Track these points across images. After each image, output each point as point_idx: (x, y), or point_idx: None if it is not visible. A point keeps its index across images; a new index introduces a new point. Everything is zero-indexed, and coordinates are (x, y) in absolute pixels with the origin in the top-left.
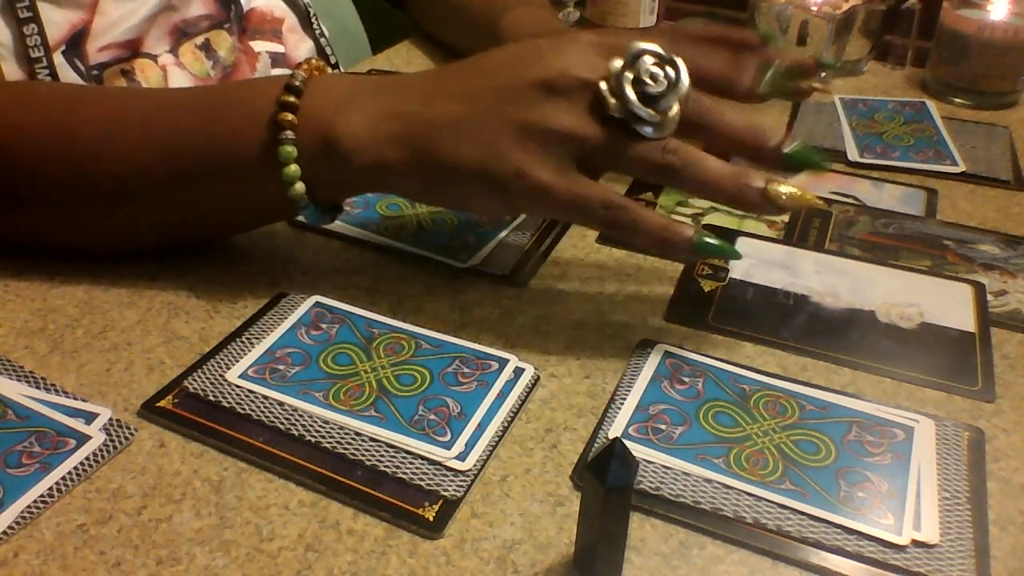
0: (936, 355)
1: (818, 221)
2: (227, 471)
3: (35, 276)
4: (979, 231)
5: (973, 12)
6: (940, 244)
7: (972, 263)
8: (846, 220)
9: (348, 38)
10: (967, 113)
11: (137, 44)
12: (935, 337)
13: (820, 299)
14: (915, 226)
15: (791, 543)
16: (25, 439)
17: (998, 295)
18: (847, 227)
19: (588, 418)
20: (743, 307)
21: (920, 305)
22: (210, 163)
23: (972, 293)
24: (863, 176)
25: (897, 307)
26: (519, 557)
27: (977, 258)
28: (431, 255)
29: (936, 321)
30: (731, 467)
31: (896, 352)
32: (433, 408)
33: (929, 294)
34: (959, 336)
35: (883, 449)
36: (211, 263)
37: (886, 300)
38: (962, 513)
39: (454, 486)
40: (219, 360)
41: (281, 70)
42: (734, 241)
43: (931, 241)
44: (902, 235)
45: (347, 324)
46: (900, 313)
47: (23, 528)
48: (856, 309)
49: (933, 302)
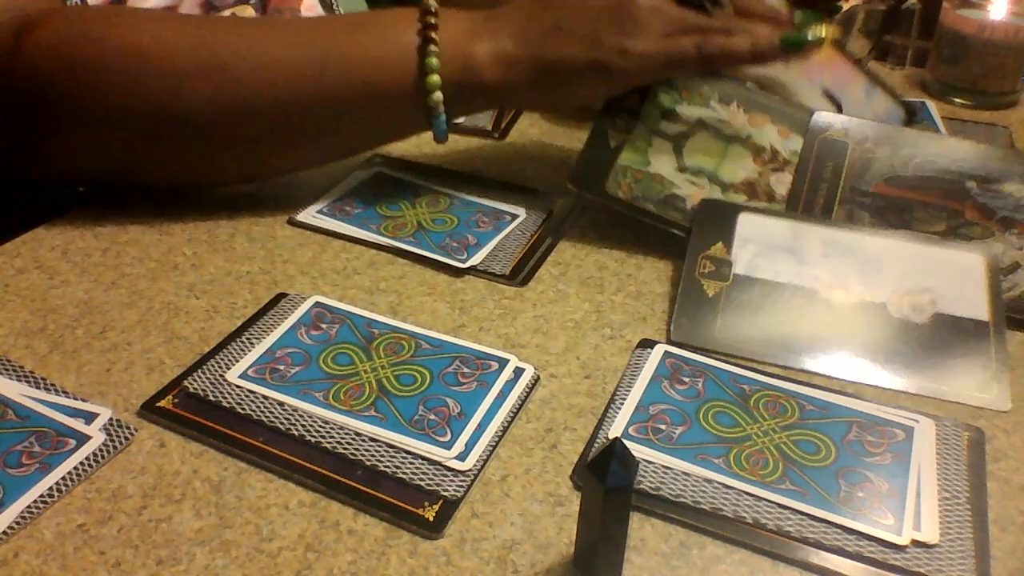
0: (951, 357)
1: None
2: (227, 471)
3: (35, 276)
4: (1008, 161)
5: (973, 12)
6: (962, 189)
7: (992, 218)
8: (862, 159)
9: None
10: (967, 113)
11: None
12: (948, 333)
13: (829, 294)
14: (939, 161)
15: (791, 543)
16: (25, 439)
17: (1009, 271)
18: (862, 170)
19: (588, 418)
20: (748, 316)
21: (932, 290)
22: (356, 72)
23: (985, 266)
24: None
25: (909, 295)
26: (519, 557)
27: (999, 208)
28: (431, 255)
29: (948, 310)
30: (731, 467)
31: (911, 359)
32: (433, 408)
33: (942, 273)
34: (972, 328)
35: (883, 449)
36: (211, 263)
37: (897, 287)
38: (962, 513)
39: (454, 486)
40: (219, 360)
41: None
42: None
43: (952, 186)
44: (922, 177)
45: (347, 324)
46: (912, 303)
47: (23, 528)
48: (867, 303)
49: (946, 283)
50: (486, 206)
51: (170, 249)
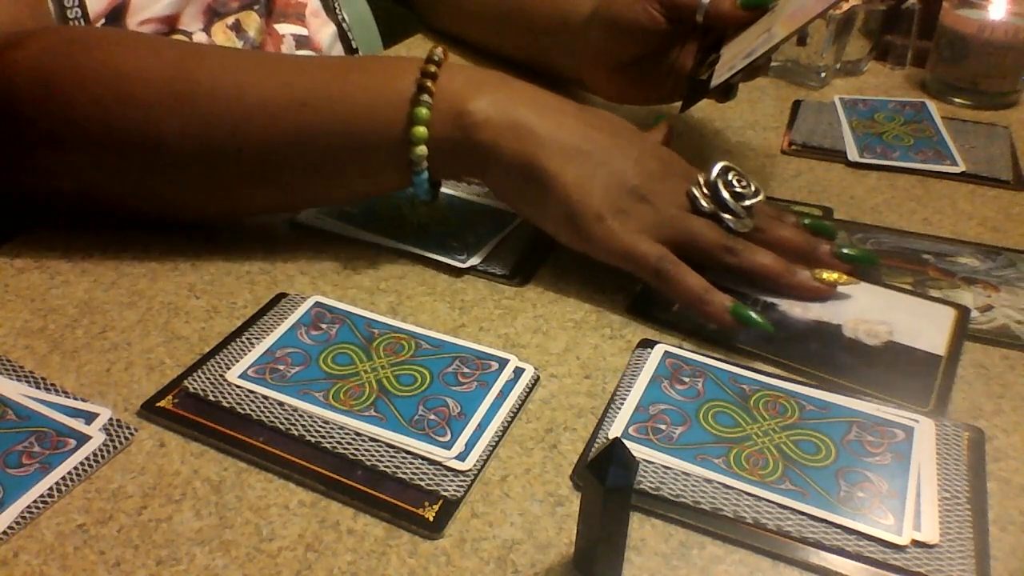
0: (892, 373)
1: None
2: (227, 471)
3: (35, 276)
4: (958, 243)
5: (973, 12)
6: (919, 259)
7: (954, 277)
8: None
9: (364, 27)
10: (967, 113)
11: (174, 20)
12: (898, 356)
13: (788, 308)
14: (892, 240)
15: (791, 543)
16: (25, 439)
17: (984, 310)
18: None
19: (588, 418)
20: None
21: (891, 324)
22: (338, 117)
23: (954, 317)
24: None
25: (866, 323)
26: (519, 557)
27: (958, 272)
28: (431, 255)
29: (904, 341)
30: (731, 467)
31: (850, 365)
32: (433, 408)
33: (907, 313)
34: (924, 357)
35: (883, 449)
36: (211, 263)
37: (857, 316)
38: (962, 513)
39: (454, 486)
40: (219, 360)
41: (305, 52)
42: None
43: (910, 256)
44: (880, 250)
45: (347, 324)
46: (868, 330)
47: (23, 528)
48: (823, 322)
49: (908, 322)
50: (486, 206)
51: (170, 249)
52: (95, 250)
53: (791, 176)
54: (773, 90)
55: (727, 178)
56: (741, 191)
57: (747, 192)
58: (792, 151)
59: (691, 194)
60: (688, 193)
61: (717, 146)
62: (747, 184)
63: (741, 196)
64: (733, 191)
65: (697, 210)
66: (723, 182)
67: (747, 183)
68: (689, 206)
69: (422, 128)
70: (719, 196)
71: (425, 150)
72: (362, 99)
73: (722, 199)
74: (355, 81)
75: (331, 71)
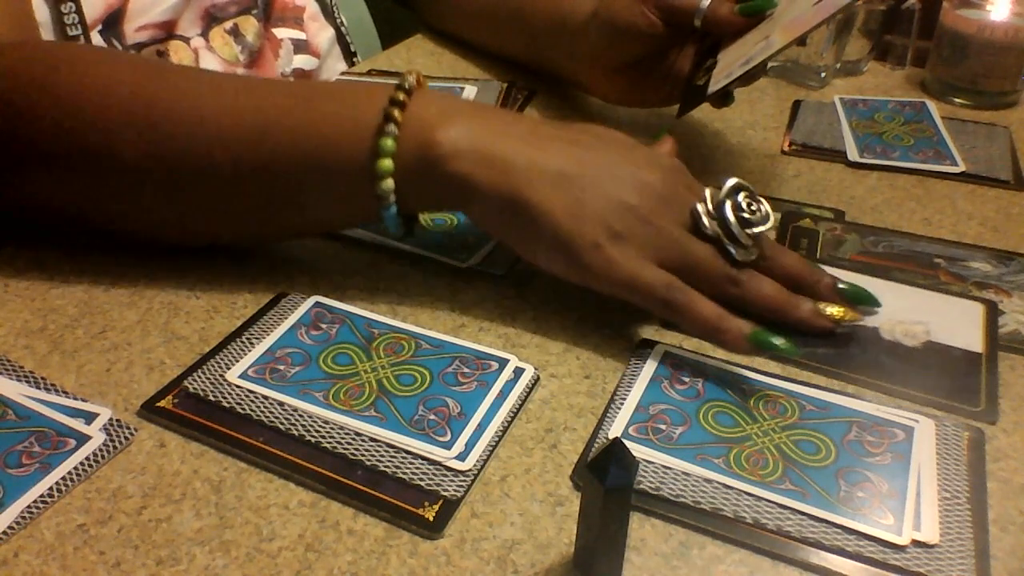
0: (938, 375)
1: (805, 241)
2: (227, 471)
3: (35, 276)
4: (969, 247)
5: (973, 12)
6: (931, 263)
7: (965, 282)
8: (834, 240)
9: (363, 30)
10: (967, 113)
11: (172, 26)
12: (939, 356)
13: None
14: (904, 243)
15: (791, 543)
16: (25, 439)
17: (997, 315)
18: (835, 247)
19: (588, 418)
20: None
21: (927, 323)
22: (299, 147)
23: (983, 312)
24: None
25: (902, 324)
26: (519, 557)
27: (970, 277)
28: (431, 255)
29: (942, 340)
30: (731, 467)
31: (897, 369)
32: (433, 408)
33: (937, 312)
34: (964, 355)
35: (883, 449)
36: (211, 263)
37: (891, 317)
38: (962, 513)
39: (454, 486)
40: (219, 360)
41: (303, 56)
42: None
43: (922, 260)
44: (892, 254)
45: (347, 324)
46: (905, 331)
47: (23, 528)
48: (858, 325)
49: (940, 321)
50: None
51: (170, 249)
52: (95, 250)
53: (791, 176)
54: (773, 90)
55: (737, 199)
56: (749, 217)
57: (755, 218)
58: (792, 151)
59: (695, 212)
60: (692, 211)
61: (717, 146)
62: (756, 208)
63: (749, 223)
64: (741, 216)
65: (700, 231)
66: (732, 204)
67: (757, 206)
68: (692, 225)
69: (387, 161)
70: (725, 222)
71: (392, 184)
72: (326, 129)
73: (728, 227)
74: (319, 109)
75: (295, 98)
